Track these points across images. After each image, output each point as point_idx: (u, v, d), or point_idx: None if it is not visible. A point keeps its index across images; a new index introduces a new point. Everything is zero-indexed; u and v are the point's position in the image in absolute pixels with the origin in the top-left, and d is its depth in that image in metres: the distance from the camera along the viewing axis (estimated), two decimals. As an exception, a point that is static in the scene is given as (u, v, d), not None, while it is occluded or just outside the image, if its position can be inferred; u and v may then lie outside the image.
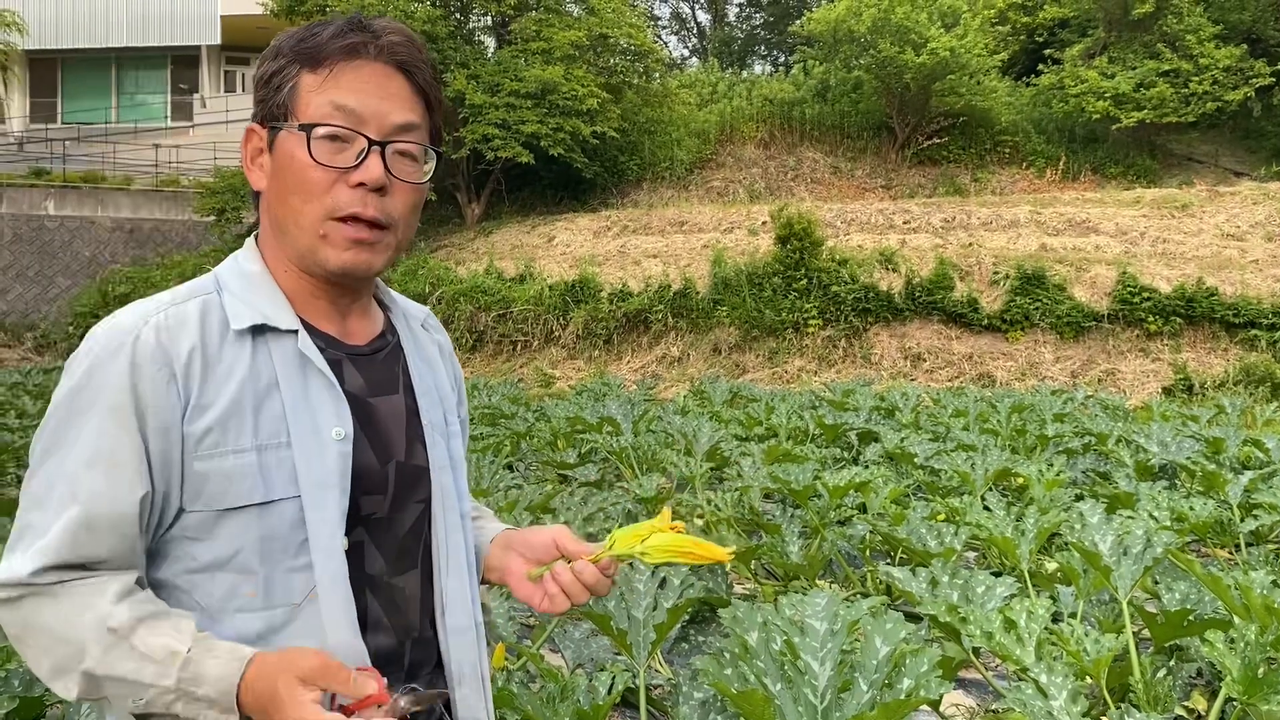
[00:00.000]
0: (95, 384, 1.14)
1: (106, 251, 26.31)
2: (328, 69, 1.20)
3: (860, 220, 21.34)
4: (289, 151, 1.20)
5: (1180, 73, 23.13)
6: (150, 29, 34.14)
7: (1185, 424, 9.75)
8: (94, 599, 1.11)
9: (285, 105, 1.21)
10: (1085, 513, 3.78)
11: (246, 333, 1.20)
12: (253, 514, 1.16)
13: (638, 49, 25.46)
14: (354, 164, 1.20)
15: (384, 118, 1.22)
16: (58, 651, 1.11)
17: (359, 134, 1.20)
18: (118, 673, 1.10)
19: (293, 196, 1.21)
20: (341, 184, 1.20)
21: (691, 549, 1.27)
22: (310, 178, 1.19)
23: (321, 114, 1.19)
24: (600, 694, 2.39)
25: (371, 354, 1.32)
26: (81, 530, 1.12)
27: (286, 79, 1.22)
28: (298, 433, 1.18)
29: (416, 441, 1.32)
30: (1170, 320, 17.32)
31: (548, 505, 5.28)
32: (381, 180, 1.21)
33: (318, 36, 1.22)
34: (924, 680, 1.97)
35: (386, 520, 1.27)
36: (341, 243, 1.21)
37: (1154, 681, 3.29)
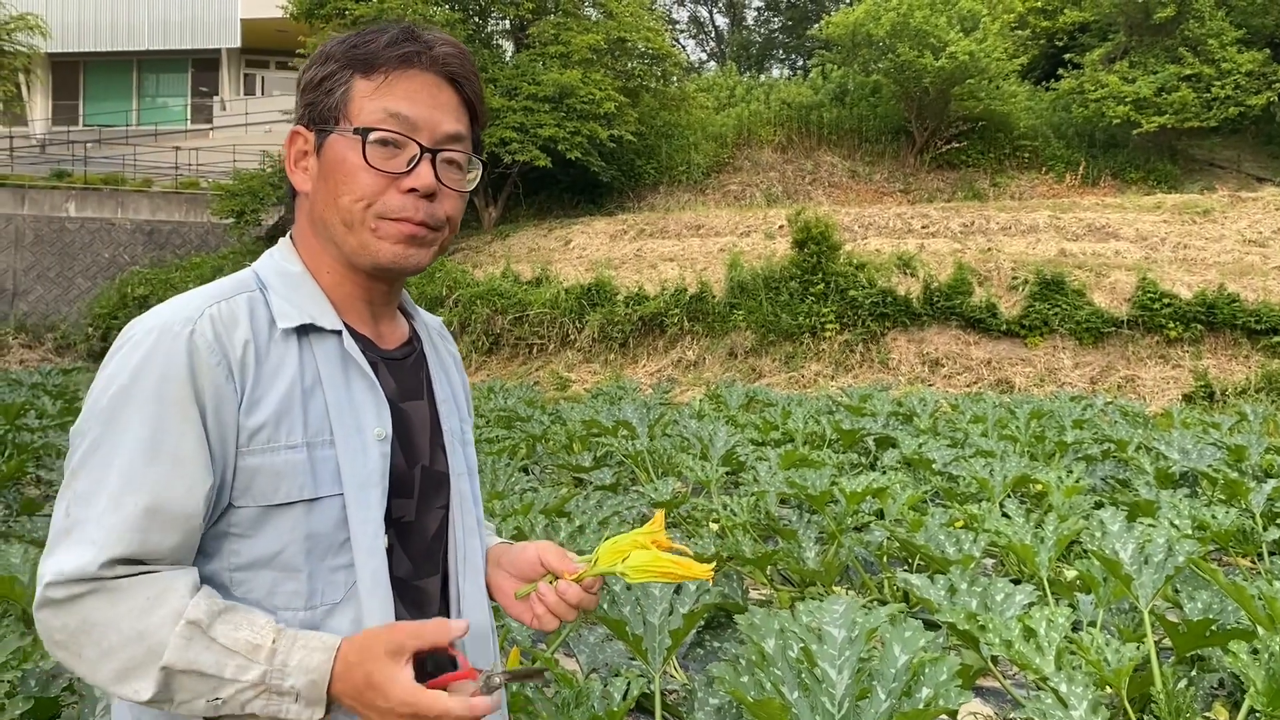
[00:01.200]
0: (152, 376, 1.12)
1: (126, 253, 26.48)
2: (382, 76, 1.22)
3: (878, 224, 21.27)
4: (340, 154, 1.22)
5: (1202, 77, 22.95)
6: (171, 32, 34.37)
7: (1206, 431, 9.65)
8: (167, 593, 1.08)
9: (337, 109, 1.23)
10: (1106, 520, 3.73)
11: (292, 331, 1.22)
12: (300, 511, 1.17)
13: (655, 53, 25.46)
14: (406, 170, 1.22)
15: (435, 126, 1.24)
16: (129, 650, 1.06)
17: (411, 140, 1.23)
18: (198, 666, 1.06)
19: (343, 197, 1.23)
20: (393, 189, 1.23)
21: (671, 568, 1.26)
22: (363, 180, 1.22)
23: (375, 119, 1.21)
24: (615, 700, 2.38)
25: (402, 359, 1.35)
26: (149, 522, 1.09)
27: (338, 83, 1.23)
28: (341, 432, 1.20)
29: (438, 448, 1.35)
30: (1191, 327, 17.17)
31: (563, 509, 5.26)
32: (433, 186, 1.24)
33: (371, 44, 1.23)
34: (943, 689, 1.94)
35: (414, 524, 1.29)
36: (393, 235, 1.24)
37: (1176, 692, 3.24)
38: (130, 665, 1.06)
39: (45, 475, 7.09)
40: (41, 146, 31.19)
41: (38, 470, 7.44)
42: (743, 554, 4.61)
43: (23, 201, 26.20)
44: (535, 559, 1.36)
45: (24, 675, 2.74)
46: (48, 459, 7.79)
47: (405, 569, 1.27)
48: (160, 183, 28.44)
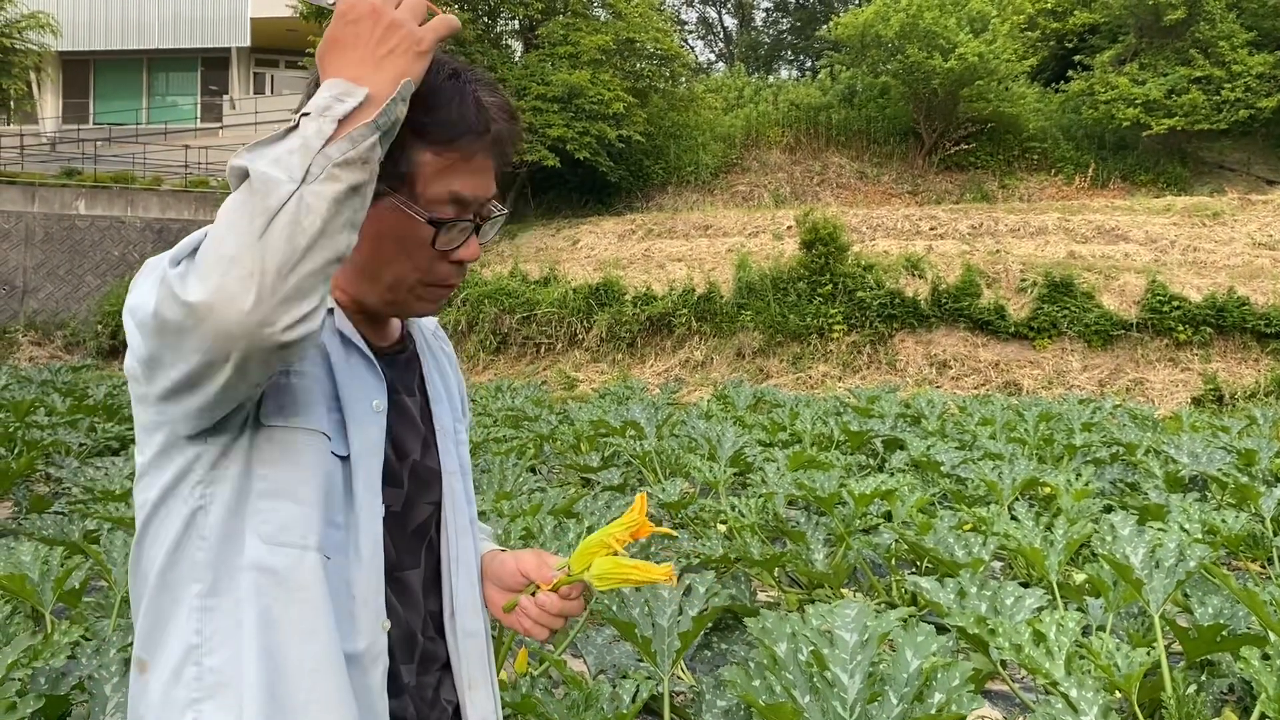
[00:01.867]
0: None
1: (136, 251, 26.55)
2: (453, 155, 1.22)
3: (886, 226, 21.24)
4: (405, 227, 1.22)
5: (1212, 79, 22.88)
6: (181, 31, 34.47)
7: (1216, 435, 9.62)
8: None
9: (401, 177, 1.21)
10: (1117, 524, 3.72)
11: None
12: (322, 445, 1.17)
13: (664, 53, 25.46)
14: (458, 244, 1.26)
15: (485, 195, 1.27)
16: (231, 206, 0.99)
17: (465, 220, 1.25)
18: (256, 144, 1.02)
19: (396, 265, 1.24)
20: (443, 259, 1.26)
21: (630, 573, 1.28)
22: (423, 256, 1.24)
23: (440, 199, 1.22)
24: (624, 702, 2.38)
25: (395, 354, 1.35)
26: None
27: (401, 146, 1.18)
28: (347, 398, 1.21)
29: (430, 445, 1.36)
30: (1200, 330, 17.12)
31: (571, 509, 5.26)
32: (478, 256, 1.29)
33: (444, 114, 1.20)
34: (956, 695, 1.94)
35: (399, 515, 1.29)
36: (432, 298, 1.29)
37: (1186, 698, 3.23)
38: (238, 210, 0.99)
39: (55, 473, 7.11)
40: (52, 145, 31.29)
41: (47, 468, 7.46)
42: (751, 555, 4.61)
43: (33, 199, 26.29)
44: (515, 569, 1.38)
45: (34, 673, 2.74)
46: (57, 456, 7.82)
47: (389, 559, 1.26)
48: (170, 181, 28.52)
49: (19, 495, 6.90)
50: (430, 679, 1.32)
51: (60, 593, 3.66)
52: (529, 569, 1.35)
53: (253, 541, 1.14)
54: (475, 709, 1.34)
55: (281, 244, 0.98)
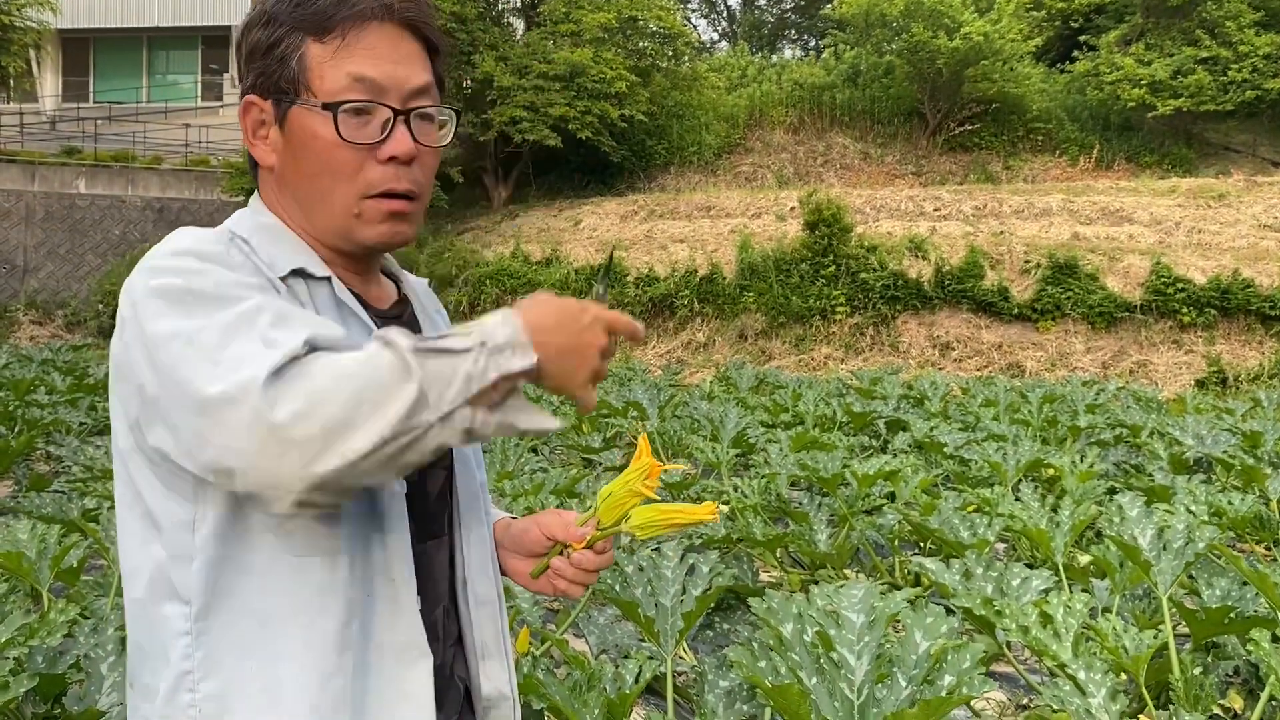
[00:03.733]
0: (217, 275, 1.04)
1: (136, 230, 26.49)
2: (338, 37, 1.14)
3: (890, 207, 21.15)
4: (310, 129, 1.14)
5: (1219, 60, 22.71)
6: (181, 9, 34.27)
7: (1220, 417, 9.58)
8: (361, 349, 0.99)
9: (295, 79, 1.14)
10: (1125, 506, 3.69)
11: (289, 277, 1.15)
12: None
13: (667, 32, 25.29)
14: (381, 138, 1.15)
15: (403, 84, 1.16)
16: (370, 381, 0.95)
17: (381, 104, 1.15)
18: (436, 345, 0.99)
19: (321, 178, 1.16)
20: (371, 160, 1.15)
21: (675, 516, 1.22)
22: (339, 157, 1.14)
23: (340, 88, 1.13)
24: (627, 682, 2.34)
25: (395, 318, 1.29)
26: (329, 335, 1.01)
27: (290, 49, 1.14)
28: None
29: None
30: (1205, 312, 17.06)
31: (573, 489, 5.23)
32: (412, 152, 1.17)
33: (319, 2, 1.14)
34: (966, 677, 1.90)
35: (417, 485, 1.23)
36: (377, 217, 1.18)
37: (1193, 679, 3.20)
38: (380, 395, 0.95)
39: (55, 451, 7.09)
40: (52, 123, 31.17)
41: (47, 446, 7.44)
42: (754, 536, 4.58)
43: (33, 178, 26.21)
44: (539, 534, 1.32)
45: (31, 652, 2.71)
46: (57, 435, 7.79)
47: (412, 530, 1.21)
48: (170, 160, 28.41)
49: (19, 474, 6.89)
50: (446, 655, 1.25)
51: (58, 571, 3.64)
52: (555, 530, 1.30)
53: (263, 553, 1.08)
54: (489, 680, 1.28)
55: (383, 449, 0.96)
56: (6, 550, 3.52)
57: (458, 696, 1.28)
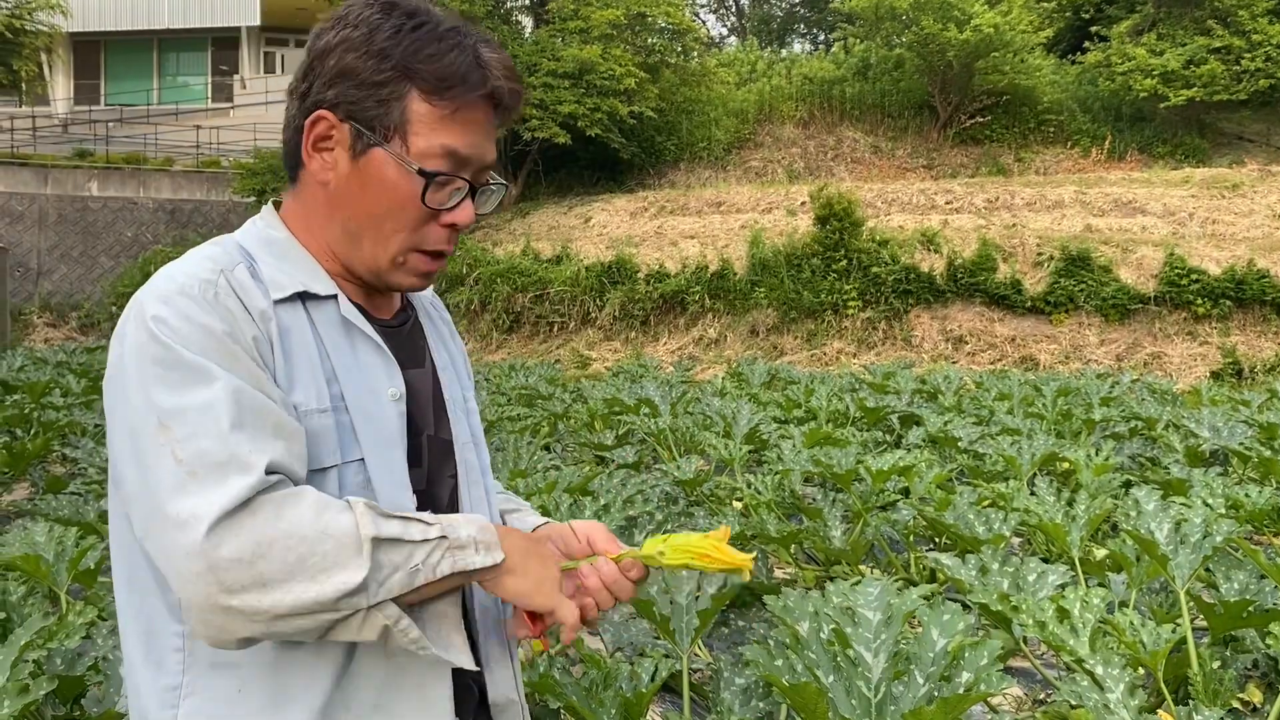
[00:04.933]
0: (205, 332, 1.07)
1: (148, 232, 26.61)
2: (448, 107, 1.17)
3: (901, 200, 21.08)
4: (390, 178, 1.17)
5: (1231, 49, 22.54)
6: (191, 11, 34.36)
7: (1236, 409, 9.52)
8: (323, 498, 1.05)
9: (391, 127, 1.17)
10: (1141, 500, 3.66)
11: (291, 299, 1.18)
12: (334, 476, 1.14)
13: (676, 28, 25.24)
14: (450, 205, 1.20)
15: (482, 159, 1.22)
16: (320, 548, 1.00)
17: (460, 177, 1.20)
18: (393, 534, 1.04)
19: (385, 222, 1.19)
20: (434, 221, 1.20)
21: (710, 551, 1.21)
22: (410, 213, 1.19)
23: (434, 154, 1.17)
24: (644, 681, 2.34)
25: (398, 327, 1.31)
26: (284, 449, 1.05)
27: (395, 95, 1.16)
28: (354, 396, 1.17)
29: (442, 415, 1.33)
30: (1219, 303, 16.95)
31: (587, 487, 5.23)
32: (472, 223, 1.23)
33: (441, 63, 1.16)
34: (984, 674, 1.89)
35: (426, 494, 1.25)
36: (416, 269, 1.23)
37: (1212, 674, 3.18)
38: (327, 564, 1.01)
39: (70, 453, 7.12)
40: (64, 126, 31.32)
41: (63, 448, 7.48)
42: (767, 532, 4.57)
43: (46, 181, 26.35)
44: (583, 537, 1.33)
45: (50, 654, 2.73)
46: (73, 437, 7.83)
47: None
48: (181, 162, 28.53)
49: (35, 476, 6.92)
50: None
51: (75, 573, 3.66)
52: (599, 538, 1.31)
53: None
54: (495, 688, 1.30)
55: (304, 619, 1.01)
56: (25, 553, 3.54)
57: (472, 700, 1.30)
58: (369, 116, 1.16)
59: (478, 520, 1.12)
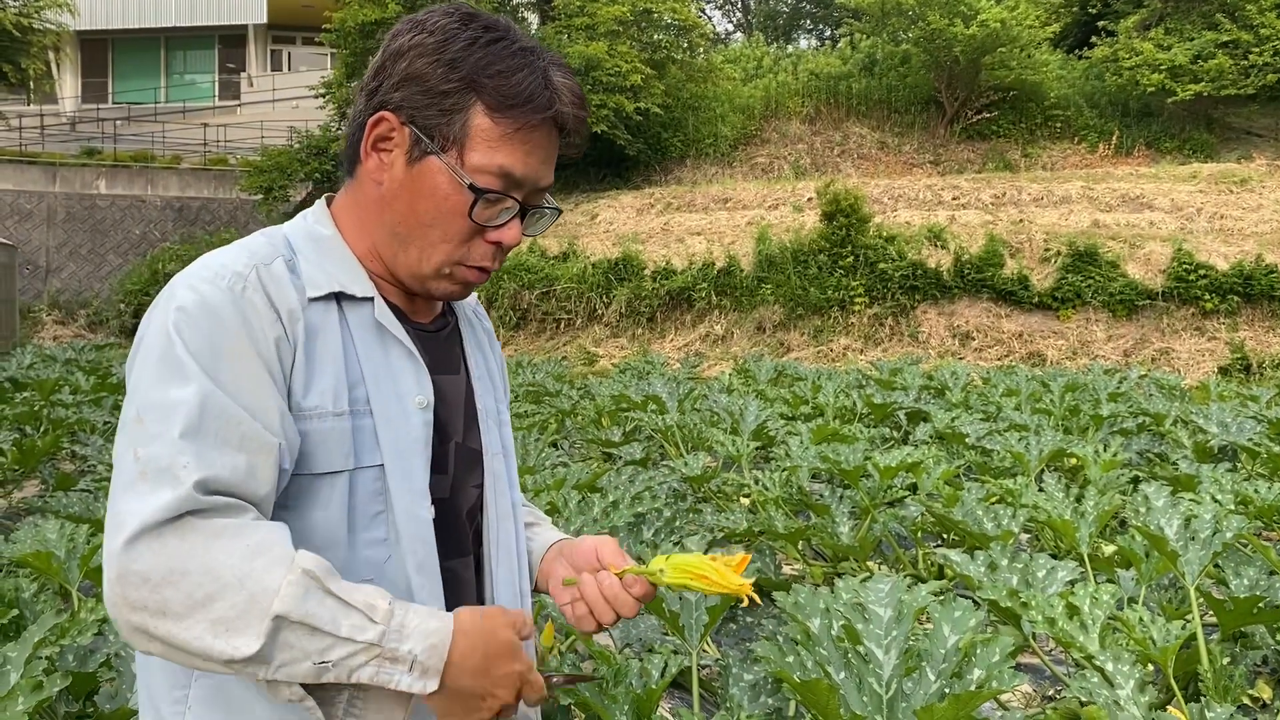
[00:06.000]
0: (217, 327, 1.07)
1: (156, 230, 26.67)
2: (511, 125, 1.16)
3: (908, 196, 21.04)
4: (443, 188, 1.17)
5: (1239, 44, 22.45)
6: (198, 9, 34.43)
7: (1245, 404, 9.50)
8: (270, 540, 1.00)
9: (452, 136, 1.16)
10: (1150, 495, 3.66)
11: (326, 299, 1.18)
12: (343, 481, 1.13)
13: (681, 24, 25.22)
14: (498, 223, 1.20)
15: (537, 182, 1.21)
16: (228, 599, 0.96)
17: (511, 197, 1.19)
18: (312, 620, 0.97)
19: (432, 230, 1.19)
20: (480, 236, 1.20)
21: (710, 573, 1.21)
22: (457, 225, 1.19)
23: (488, 171, 1.17)
24: (654, 677, 2.35)
25: (435, 332, 1.31)
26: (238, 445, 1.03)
27: (459, 106, 1.16)
28: (379, 400, 1.17)
29: (473, 424, 1.32)
30: (1227, 298, 16.90)
31: (595, 484, 5.24)
32: (518, 243, 1.23)
33: (508, 80, 1.16)
34: (996, 670, 1.90)
35: (448, 501, 1.25)
36: (458, 281, 1.23)
37: (1222, 670, 3.18)
38: (230, 616, 0.96)
39: (80, 450, 7.15)
40: (72, 124, 31.40)
41: (72, 445, 7.50)
42: (775, 529, 4.57)
43: (54, 179, 26.42)
44: (592, 550, 1.33)
45: (62, 651, 2.74)
46: (82, 434, 7.86)
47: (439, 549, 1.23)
48: (189, 159, 28.59)
49: (46, 473, 6.95)
50: None
51: (87, 569, 3.67)
52: (606, 552, 1.31)
53: None
54: None
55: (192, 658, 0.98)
56: (36, 550, 3.55)
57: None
58: (430, 124, 1.16)
59: (436, 633, 1.04)
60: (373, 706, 1.07)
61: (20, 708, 2.19)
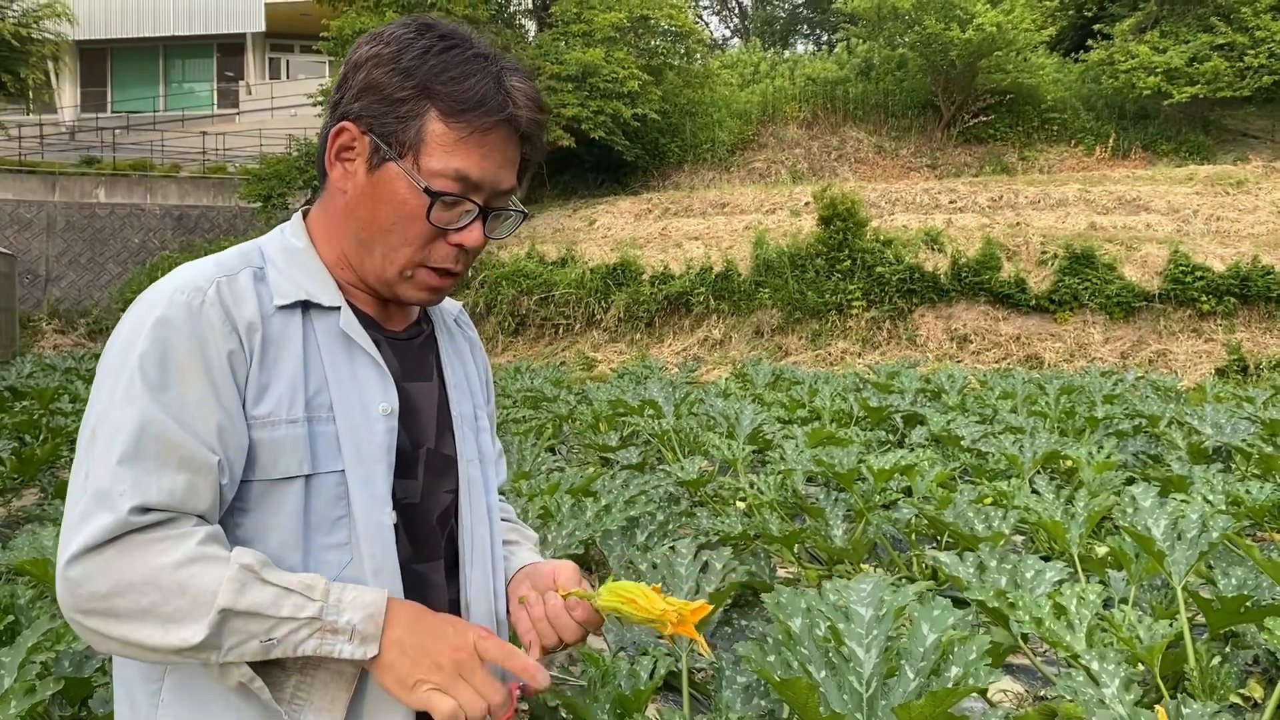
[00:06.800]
0: (163, 341, 1.11)
1: (156, 238, 26.71)
2: (465, 129, 1.19)
3: (905, 200, 21.08)
4: (400, 193, 1.20)
5: (1235, 46, 22.51)
6: (196, 17, 34.51)
7: (1240, 405, 9.52)
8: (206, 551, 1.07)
9: (407, 143, 1.19)
10: (1138, 496, 3.68)
11: (292, 308, 1.21)
12: (299, 486, 1.16)
13: (678, 30, 25.29)
14: (459, 225, 1.22)
15: (496, 185, 1.23)
16: (172, 604, 1.04)
17: (470, 199, 1.22)
18: (255, 607, 1.05)
19: (392, 234, 1.22)
20: (442, 239, 1.23)
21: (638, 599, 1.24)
22: (416, 228, 1.21)
23: (444, 175, 1.19)
24: (642, 679, 2.37)
25: (408, 340, 1.34)
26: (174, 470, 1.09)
27: (414, 113, 1.18)
28: (343, 408, 1.19)
29: (446, 431, 1.34)
30: (1224, 300, 16.93)
31: (589, 488, 5.26)
32: (481, 246, 1.25)
33: (460, 86, 1.18)
34: (973, 668, 1.92)
35: (417, 506, 1.28)
36: (423, 284, 1.25)
37: (1210, 669, 3.20)
38: (176, 616, 1.05)
39: (78, 459, 7.16)
40: (71, 133, 31.46)
41: (71, 454, 7.51)
42: (770, 532, 4.60)
43: (53, 188, 26.47)
44: (550, 573, 1.36)
45: (58, 656, 2.76)
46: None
47: (405, 552, 1.25)
48: (188, 168, 28.64)
49: (45, 481, 6.97)
50: None
51: (83, 577, 3.68)
52: (562, 577, 1.33)
53: None
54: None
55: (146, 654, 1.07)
56: (33, 557, 3.58)
57: None
58: (388, 131, 1.19)
59: (372, 604, 1.11)
60: (319, 689, 1.13)
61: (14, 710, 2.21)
